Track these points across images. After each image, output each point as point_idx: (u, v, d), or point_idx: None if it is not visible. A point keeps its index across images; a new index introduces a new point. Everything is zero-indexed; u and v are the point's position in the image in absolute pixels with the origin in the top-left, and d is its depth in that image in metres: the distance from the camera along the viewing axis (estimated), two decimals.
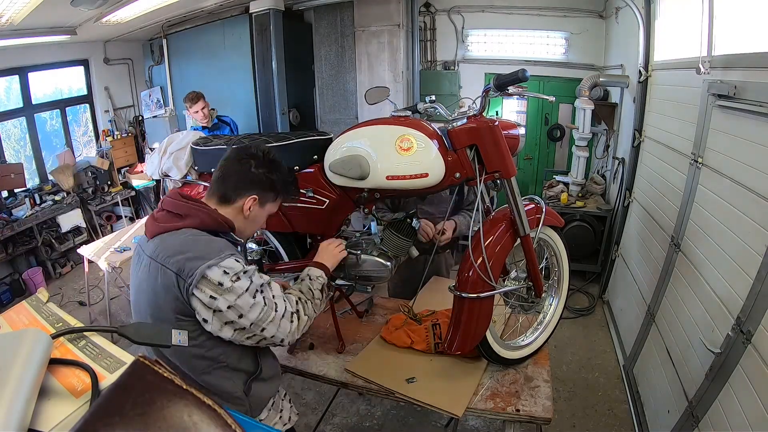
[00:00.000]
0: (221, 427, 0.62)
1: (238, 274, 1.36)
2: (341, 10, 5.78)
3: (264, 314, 1.41)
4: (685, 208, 2.76)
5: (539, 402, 1.85)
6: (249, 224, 1.60)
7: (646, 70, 3.86)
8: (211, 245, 1.39)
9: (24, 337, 0.74)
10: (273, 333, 1.45)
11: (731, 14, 2.45)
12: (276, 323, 1.45)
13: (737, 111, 2.25)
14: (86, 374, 0.76)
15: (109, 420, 0.58)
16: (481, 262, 1.74)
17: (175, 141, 2.29)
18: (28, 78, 5.84)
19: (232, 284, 1.34)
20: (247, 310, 1.37)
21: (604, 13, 5.56)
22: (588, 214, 4.90)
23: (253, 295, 1.39)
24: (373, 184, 1.81)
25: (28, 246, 5.44)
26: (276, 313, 1.45)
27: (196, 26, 6.26)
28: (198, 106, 4.65)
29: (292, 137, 2.01)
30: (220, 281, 1.33)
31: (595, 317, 4.59)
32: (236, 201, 1.53)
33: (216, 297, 1.33)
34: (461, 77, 6.41)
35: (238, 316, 1.36)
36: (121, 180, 6.75)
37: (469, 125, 1.71)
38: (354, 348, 2.23)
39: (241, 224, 1.56)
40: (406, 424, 3.20)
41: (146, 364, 0.68)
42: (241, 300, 1.36)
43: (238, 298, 1.35)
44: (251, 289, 1.38)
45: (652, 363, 3.07)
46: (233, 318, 1.36)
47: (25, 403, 0.62)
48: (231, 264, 1.36)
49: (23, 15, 4.26)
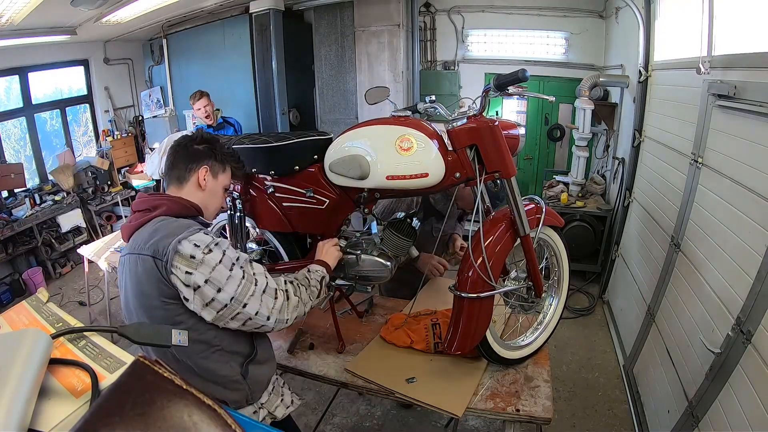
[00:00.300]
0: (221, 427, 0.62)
1: (209, 245, 1.38)
2: (341, 10, 5.79)
3: (243, 288, 1.42)
4: (685, 208, 2.76)
5: (539, 402, 1.85)
6: (209, 198, 1.67)
7: (646, 70, 3.86)
8: (180, 224, 1.43)
9: (24, 337, 0.74)
10: (256, 309, 1.46)
11: (731, 14, 2.45)
12: (257, 298, 1.46)
13: (737, 111, 2.25)
14: (86, 374, 0.76)
15: (109, 420, 0.58)
16: (481, 262, 1.74)
17: None
18: (28, 78, 5.84)
19: (204, 256, 1.36)
20: (223, 283, 1.38)
21: (604, 13, 5.57)
22: (588, 214, 4.90)
23: (229, 268, 1.40)
24: (373, 184, 1.81)
25: (28, 246, 5.44)
26: (256, 287, 1.46)
27: (196, 26, 6.27)
28: (200, 103, 4.67)
29: (292, 137, 2.00)
30: (192, 254, 1.35)
31: (595, 317, 4.59)
32: (190, 177, 1.62)
33: (191, 272, 1.35)
34: (461, 77, 6.42)
35: (216, 291, 1.37)
36: (121, 180, 6.75)
37: (469, 125, 1.71)
38: (354, 348, 2.22)
39: (202, 200, 1.63)
40: (406, 424, 3.20)
41: (146, 364, 0.68)
42: (216, 272, 1.37)
43: (213, 270, 1.36)
44: (225, 262, 1.40)
45: (652, 363, 3.07)
46: (212, 294, 1.37)
47: (25, 403, 0.62)
48: (200, 237, 1.39)
49: (23, 15, 4.26)
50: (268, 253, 2.34)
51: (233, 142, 2.10)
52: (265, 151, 2.03)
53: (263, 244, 2.32)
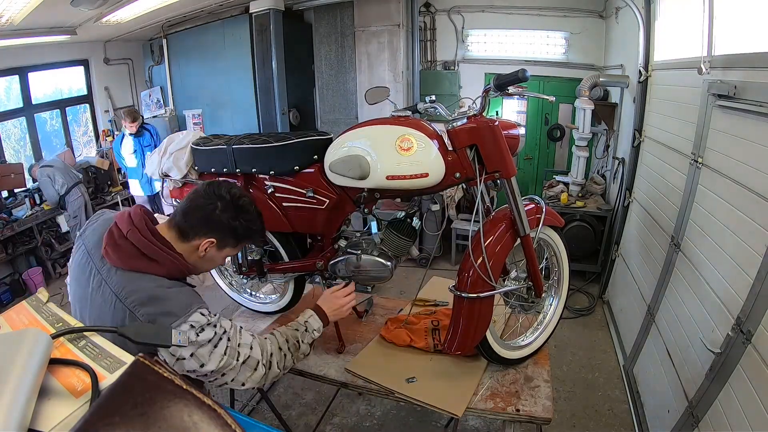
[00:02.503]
0: (221, 427, 0.61)
1: (203, 326, 1.35)
2: (341, 10, 5.79)
3: (225, 363, 1.39)
4: (685, 208, 2.76)
5: (539, 402, 1.85)
6: (204, 263, 1.57)
7: (646, 70, 3.86)
8: (179, 299, 1.37)
9: (24, 337, 0.74)
10: (233, 377, 1.45)
11: (731, 14, 2.45)
12: (236, 370, 1.44)
13: (737, 111, 2.25)
14: (86, 374, 0.76)
15: (109, 420, 0.58)
16: (481, 262, 1.74)
17: (175, 141, 2.29)
18: (28, 78, 5.85)
19: (197, 337, 1.33)
20: (207, 360, 1.35)
21: (604, 13, 5.57)
22: (588, 214, 4.90)
23: (215, 344, 1.37)
24: (373, 184, 1.81)
25: (28, 246, 5.45)
26: (237, 362, 1.44)
27: (196, 26, 6.27)
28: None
29: (292, 137, 2.00)
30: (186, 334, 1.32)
31: (595, 317, 4.59)
32: (193, 240, 1.48)
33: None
34: (461, 77, 6.42)
35: (199, 365, 1.35)
36: (121, 180, 6.75)
37: (469, 125, 1.71)
38: (354, 348, 2.22)
39: (195, 262, 1.53)
40: (406, 424, 3.20)
41: (146, 364, 0.68)
42: (203, 349, 1.35)
43: (200, 347, 1.34)
44: (214, 340, 1.37)
45: (652, 363, 3.07)
46: (194, 367, 1.35)
47: (25, 403, 0.62)
48: (197, 318, 1.35)
49: (23, 15, 4.27)
50: (269, 253, 2.34)
51: (233, 141, 2.10)
52: (265, 151, 2.03)
53: (263, 244, 2.32)
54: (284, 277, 2.35)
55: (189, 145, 2.24)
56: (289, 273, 2.31)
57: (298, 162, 2.01)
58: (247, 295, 2.60)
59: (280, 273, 2.31)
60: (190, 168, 2.26)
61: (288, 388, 3.55)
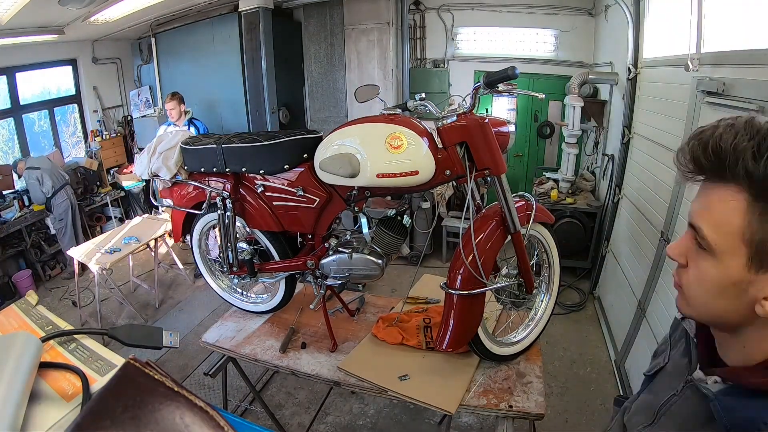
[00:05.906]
0: (213, 429, 0.61)
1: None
2: (331, 8, 5.79)
3: None
4: (675, 203, 2.78)
5: (532, 398, 1.86)
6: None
7: (636, 67, 3.88)
8: None
9: (13, 341, 0.73)
10: None
11: (720, 12, 2.47)
12: None
13: (726, 107, 2.26)
14: (77, 377, 0.75)
15: (100, 423, 0.58)
16: (472, 260, 1.75)
17: (165, 140, 2.28)
18: (16, 78, 5.79)
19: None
20: None
21: (593, 10, 5.60)
22: (578, 211, 4.93)
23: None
24: (363, 182, 1.81)
25: (17, 248, 5.40)
26: None
27: (185, 25, 6.22)
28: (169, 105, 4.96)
29: (281, 136, 2.00)
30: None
31: (586, 313, 4.62)
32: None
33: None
34: (451, 75, 6.43)
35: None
36: (110, 180, 6.72)
37: (459, 123, 1.72)
38: (346, 346, 2.23)
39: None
40: (399, 422, 3.21)
41: (137, 366, 0.68)
42: None
43: None
44: None
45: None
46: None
47: (15, 408, 0.62)
48: None
49: (11, 14, 4.23)
50: (259, 252, 2.33)
51: (222, 141, 2.10)
52: (255, 150, 2.03)
53: (254, 244, 2.31)
54: (275, 276, 2.34)
55: (178, 144, 2.24)
56: (280, 272, 2.30)
57: (288, 161, 2.00)
58: (238, 295, 2.59)
59: (270, 272, 2.31)
60: (179, 167, 2.25)
61: (281, 388, 3.54)
